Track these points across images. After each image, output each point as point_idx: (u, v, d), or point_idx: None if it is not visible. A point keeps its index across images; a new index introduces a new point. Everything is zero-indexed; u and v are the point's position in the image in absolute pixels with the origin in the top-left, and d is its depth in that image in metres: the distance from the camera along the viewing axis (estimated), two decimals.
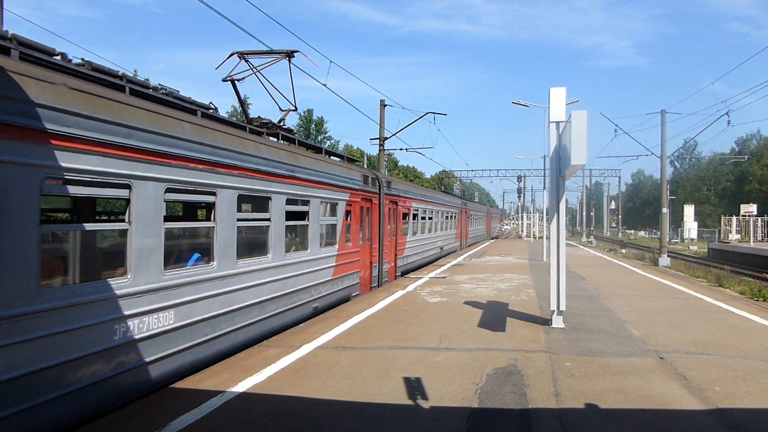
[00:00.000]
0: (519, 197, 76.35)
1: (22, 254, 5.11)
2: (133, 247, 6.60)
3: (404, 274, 20.71)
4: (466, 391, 6.56)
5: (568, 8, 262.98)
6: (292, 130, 13.73)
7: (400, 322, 10.72)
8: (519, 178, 69.13)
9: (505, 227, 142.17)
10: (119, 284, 6.36)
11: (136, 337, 6.57)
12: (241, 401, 6.27)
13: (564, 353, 8.34)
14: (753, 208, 53.91)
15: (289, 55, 13.27)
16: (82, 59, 7.36)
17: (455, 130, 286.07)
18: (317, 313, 12.15)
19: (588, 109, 11.69)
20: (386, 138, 32.59)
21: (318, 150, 14.37)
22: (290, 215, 11.03)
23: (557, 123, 10.18)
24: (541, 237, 45.56)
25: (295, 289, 11.15)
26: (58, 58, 6.58)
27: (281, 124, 13.55)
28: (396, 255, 20.21)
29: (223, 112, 10.19)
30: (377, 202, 17.37)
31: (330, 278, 13.15)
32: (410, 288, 15.92)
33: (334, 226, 13.67)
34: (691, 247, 59.98)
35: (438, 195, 32.86)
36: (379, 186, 17.69)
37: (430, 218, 27.16)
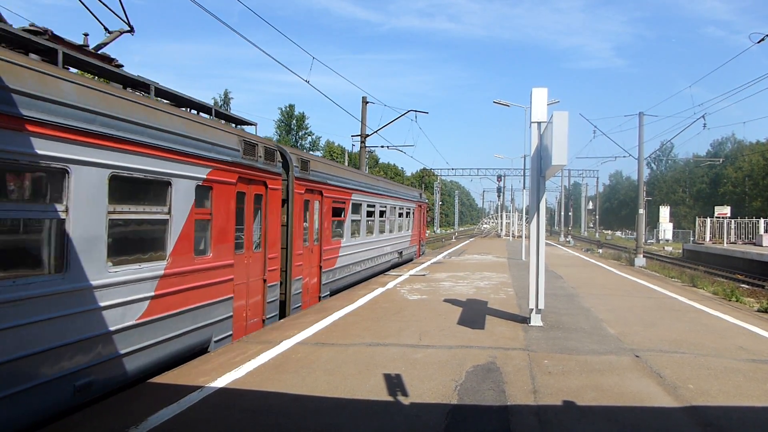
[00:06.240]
0: (499, 196, 76.70)
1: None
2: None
3: (332, 294, 15.08)
4: (446, 387, 6.60)
5: (549, 9, 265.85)
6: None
7: (380, 319, 10.74)
8: (499, 177, 69.28)
9: (485, 226, 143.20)
10: None
11: None
12: (220, 396, 6.24)
13: (542, 351, 8.44)
14: (727, 210, 54.85)
15: None
16: None
17: (436, 129, 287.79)
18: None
19: (568, 110, 11.79)
20: (368, 135, 32.56)
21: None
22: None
23: (539, 123, 10.27)
24: (520, 236, 45.93)
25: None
26: None
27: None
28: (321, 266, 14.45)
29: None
30: (280, 187, 11.40)
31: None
32: (390, 285, 15.95)
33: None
34: (666, 248, 60.97)
35: (391, 186, 25.51)
36: (286, 165, 12.00)
37: (380, 215, 21.24)
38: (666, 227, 76.17)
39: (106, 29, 9.20)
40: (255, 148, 10.15)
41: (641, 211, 36.89)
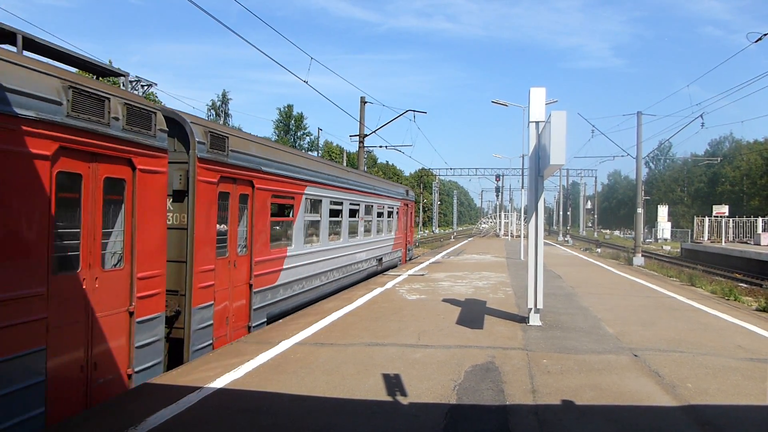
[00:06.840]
0: (497, 196, 76.76)
1: None
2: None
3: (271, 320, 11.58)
4: (445, 387, 6.60)
5: (547, 9, 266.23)
6: None
7: (379, 319, 10.74)
8: (497, 176, 69.36)
9: (483, 225, 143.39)
10: None
11: None
12: (219, 397, 6.23)
13: (541, 350, 8.44)
14: (725, 209, 54.91)
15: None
16: None
17: (435, 129, 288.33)
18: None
19: (566, 110, 11.77)
20: (366, 135, 32.59)
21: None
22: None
23: (537, 123, 10.27)
24: (519, 236, 45.97)
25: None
26: None
27: None
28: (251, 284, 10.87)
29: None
30: (164, 170, 7.86)
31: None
32: (389, 285, 15.95)
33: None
34: (664, 247, 61.06)
35: (367, 180, 21.44)
36: (186, 141, 8.90)
37: (352, 215, 18.13)
38: (664, 226, 76.32)
39: None
40: (105, 104, 6.55)
41: (639, 210, 36.93)
